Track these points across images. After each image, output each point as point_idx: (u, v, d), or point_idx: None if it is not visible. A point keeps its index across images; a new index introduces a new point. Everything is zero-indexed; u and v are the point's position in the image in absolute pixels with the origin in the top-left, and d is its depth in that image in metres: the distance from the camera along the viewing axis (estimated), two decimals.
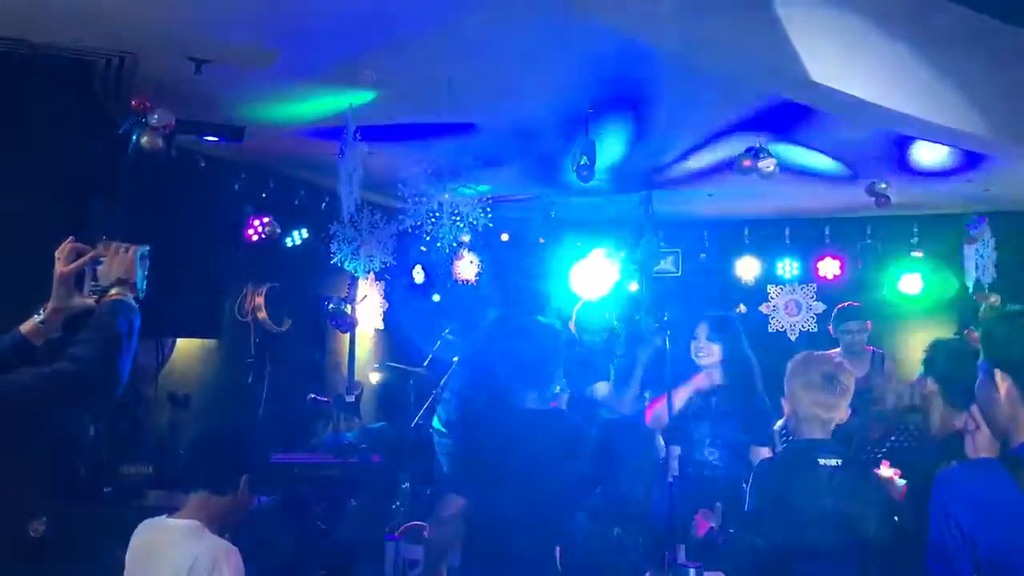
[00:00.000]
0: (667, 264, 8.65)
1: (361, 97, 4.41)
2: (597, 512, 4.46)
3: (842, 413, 3.17)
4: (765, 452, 4.06)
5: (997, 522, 1.92)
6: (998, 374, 2.02)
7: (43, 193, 3.97)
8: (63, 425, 3.47)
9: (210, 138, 4.63)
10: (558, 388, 3.91)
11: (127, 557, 2.76)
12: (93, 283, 2.44)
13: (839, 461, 3.06)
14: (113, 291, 2.36)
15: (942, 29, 4.06)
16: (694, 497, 4.06)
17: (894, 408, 5.20)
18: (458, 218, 4.86)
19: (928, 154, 5.57)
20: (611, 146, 5.43)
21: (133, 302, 2.36)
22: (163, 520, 2.77)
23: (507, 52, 3.97)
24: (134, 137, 4.08)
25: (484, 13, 3.49)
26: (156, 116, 4.07)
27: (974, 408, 2.67)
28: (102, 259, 2.44)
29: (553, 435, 3.28)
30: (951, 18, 4.00)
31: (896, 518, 3.15)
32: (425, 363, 7.21)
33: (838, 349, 6.07)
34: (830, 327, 6.28)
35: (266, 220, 6.06)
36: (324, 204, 6.55)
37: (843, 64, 3.77)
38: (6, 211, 3.76)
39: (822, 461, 3.06)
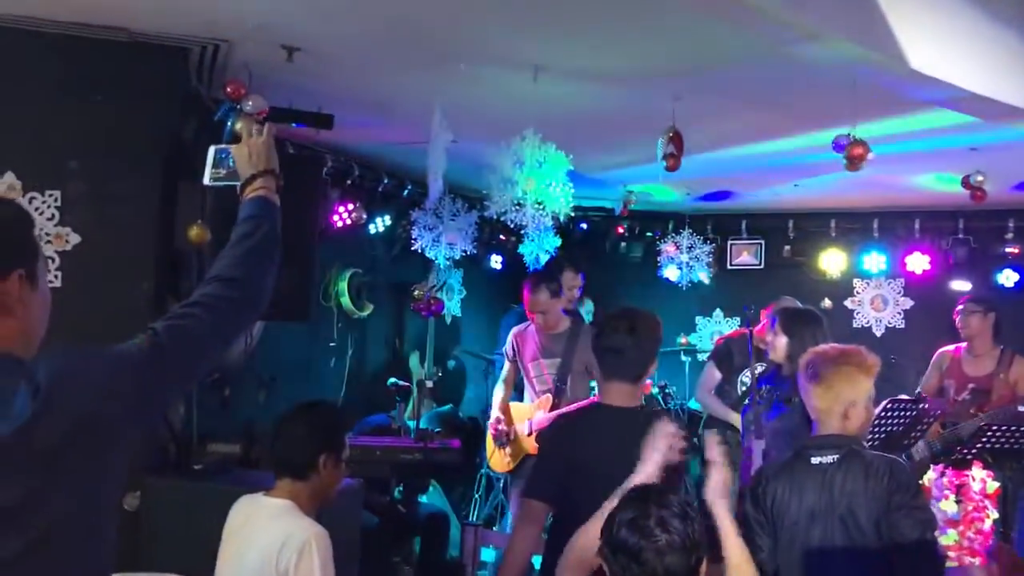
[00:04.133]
0: (748, 255, 8.52)
1: None
2: None
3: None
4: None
5: None
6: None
7: (141, 177, 4.09)
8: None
9: (300, 125, 4.69)
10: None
11: (224, 529, 2.84)
12: (215, 170, 2.10)
13: (835, 457, 2.92)
14: (256, 183, 1.95)
15: None
16: None
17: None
18: (541, 204, 4.81)
19: None
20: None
21: (277, 199, 1.95)
22: (260, 497, 2.84)
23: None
24: (228, 123, 4.16)
25: None
26: (250, 103, 4.15)
27: None
28: (228, 148, 2.08)
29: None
30: None
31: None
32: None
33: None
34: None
35: (352, 206, 6.13)
36: (407, 191, 6.62)
37: (945, 51, 3.64)
38: (109, 195, 3.88)
39: (815, 460, 2.93)
